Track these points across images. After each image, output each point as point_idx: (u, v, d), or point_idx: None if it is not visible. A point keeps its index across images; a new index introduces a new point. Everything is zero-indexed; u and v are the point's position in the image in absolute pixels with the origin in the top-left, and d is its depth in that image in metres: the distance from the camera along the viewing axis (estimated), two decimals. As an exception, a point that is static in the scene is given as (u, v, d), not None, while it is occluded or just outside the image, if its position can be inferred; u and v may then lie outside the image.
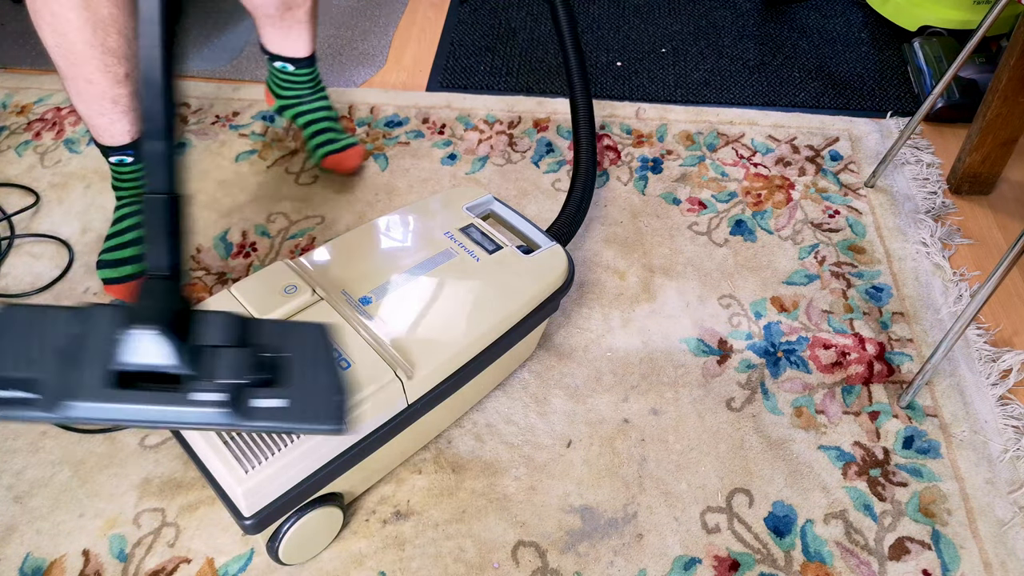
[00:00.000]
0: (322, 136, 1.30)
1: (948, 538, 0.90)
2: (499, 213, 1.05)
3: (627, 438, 0.98)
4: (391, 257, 0.95)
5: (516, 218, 1.04)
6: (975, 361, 1.07)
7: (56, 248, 1.21)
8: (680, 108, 1.45)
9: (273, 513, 0.77)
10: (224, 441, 0.76)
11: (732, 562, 0.88)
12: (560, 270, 0.97)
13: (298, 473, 0.78)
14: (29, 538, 0.90)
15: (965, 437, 0.98)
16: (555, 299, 0.96)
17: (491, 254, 0.96)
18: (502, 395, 1.02)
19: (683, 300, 1.13)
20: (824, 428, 0.99)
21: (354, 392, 0.79)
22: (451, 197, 1.04)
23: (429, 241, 0.97)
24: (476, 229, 0.99)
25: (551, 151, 1.36)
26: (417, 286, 0.91)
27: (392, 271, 0.93)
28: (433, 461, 0.96)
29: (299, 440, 0.76)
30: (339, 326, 0.85)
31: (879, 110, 1.46)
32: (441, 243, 0.97)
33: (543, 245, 0.99)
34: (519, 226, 1.03)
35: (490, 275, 0.94)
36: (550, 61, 1.56)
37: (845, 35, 1.63)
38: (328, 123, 1.31)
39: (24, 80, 1.51)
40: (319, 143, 1.30)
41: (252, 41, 1.60)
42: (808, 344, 1.08)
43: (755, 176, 1.32)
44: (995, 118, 1.20)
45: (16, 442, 0.98)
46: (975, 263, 1.19)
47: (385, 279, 0.92)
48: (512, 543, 0.89)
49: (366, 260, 0.95)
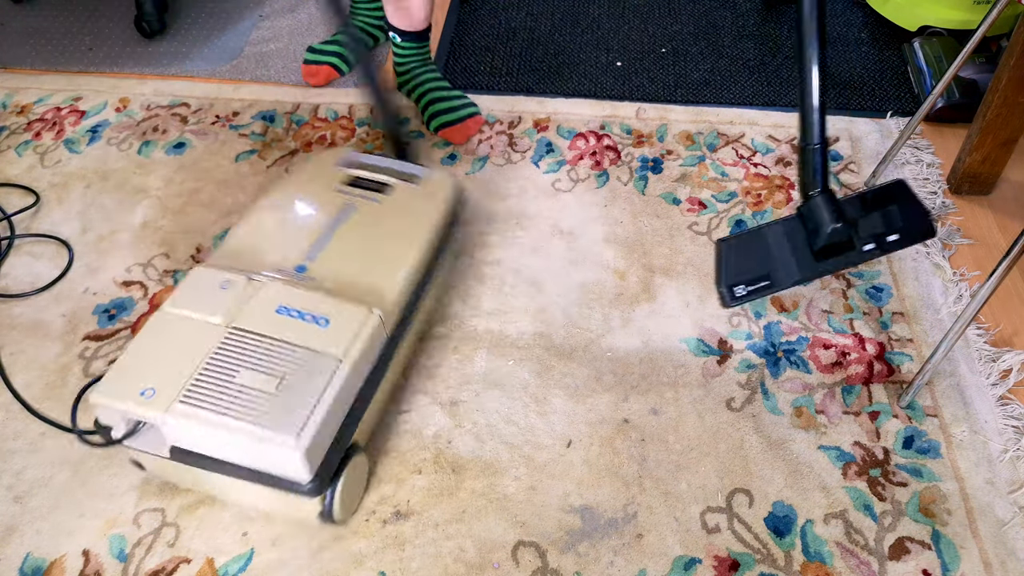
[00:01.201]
0: (436, 106, 1.38)
1: (948, 538, 0.90)
2: (368, 162, 1.10)
3: (627, 438, 0.98)
4: (300, 228, 1.00)
5: (384, 160, 1.10)
6: (975, 361, 1.07)
7: (56, 248, 1.21)
8: (680, 108, 1.45)
9: (323, 470, 0.83)
10: (251, 421, 0.80)
11: (732, 562, 0.88)
12: (451, 184, 1.08)
13: (334, 425, 0.84)
14: (29, 538, 0.90)
15: (965, 437, 0.98)
16: (461, 209, 1.09)
17: (387, 194, 1.04)
18: (502, 395, 1.02)
19: (683, 300, 1.13)
20: (824, 428, 0.99)
21: (346, 341, 0.87)
22: (319, 162, 1.09)
23: (327, 202, 1.03)
24: (360, 179, 1.06)
25: (551, 151, 1.36)
26: (341, 241, 0.98)
27: (310, 238, 0.98)
28: (433, 461, 0.96)
29: (326, 394, 0.83)
30: (292, 294, 0.90)
31: (879, 110, 1.46)
32: (339, 199, 1.03)
33: (422, 173, 1.08)
34: (392, 166, 1.10)
35: (398, 209, 1.03)
36: (550, 61, 1.56)
37: (845, 35, 1.63)
38: (442, 92, 1.39)
39: (24, 80, 1.51)
40: (433, 112, 1.38)
41: (252, 41, 1.60)
42: (808, 344, 1.08)
43: (755, 176, 1.32)
44: (995, 118, 1.20)
45: (16, 442, 0.98)
46: (975, 263, 1.19)
47: (308, 246, 0.97)
48: (512, 543, 0.89)
49: (277, 238, 0.99)
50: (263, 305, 0.89)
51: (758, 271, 0.91)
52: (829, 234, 0.90)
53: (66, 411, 1.00)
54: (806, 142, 0.92)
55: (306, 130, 1.40)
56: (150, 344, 0.87)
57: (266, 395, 0.82)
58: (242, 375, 0.83)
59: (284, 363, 0.84)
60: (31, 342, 1.08)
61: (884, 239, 0.92)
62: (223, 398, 0.82)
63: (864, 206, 0.94)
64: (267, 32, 1.63)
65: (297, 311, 0.88)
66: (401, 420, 1.00)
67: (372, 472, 0.95)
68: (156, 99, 1.47)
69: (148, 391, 0.82)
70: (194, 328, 0.87)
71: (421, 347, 1.07)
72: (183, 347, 0.86)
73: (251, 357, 0.85)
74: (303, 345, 0.86)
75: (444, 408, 1.01)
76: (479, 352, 1.07)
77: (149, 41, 1.61)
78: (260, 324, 0.87)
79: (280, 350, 0.85)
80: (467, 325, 1.10)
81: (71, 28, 1.64)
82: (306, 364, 0.84)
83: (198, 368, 0.84)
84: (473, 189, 1.28)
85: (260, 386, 0.83)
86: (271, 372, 0.84)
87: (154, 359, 0.85)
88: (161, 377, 0.83)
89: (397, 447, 0.97)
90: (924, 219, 0.92)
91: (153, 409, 0.81)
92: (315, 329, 0.87)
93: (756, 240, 0.95)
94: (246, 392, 0.82)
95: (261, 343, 0.86)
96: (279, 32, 1.63)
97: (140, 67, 1.54)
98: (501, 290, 1.15)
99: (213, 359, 0.85)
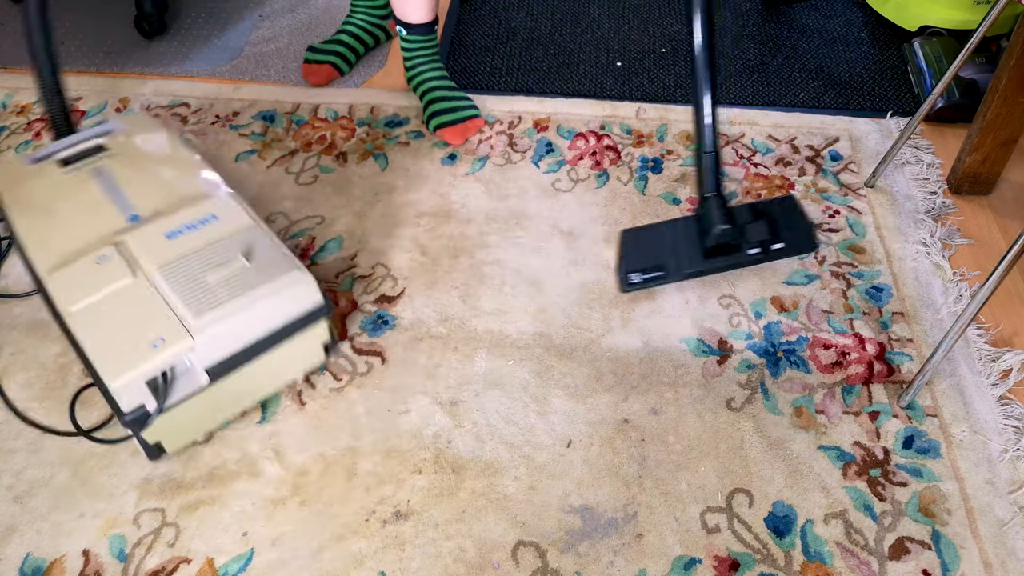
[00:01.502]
0: (437, 105, 1.37)
1: (948, 538, 0.90)
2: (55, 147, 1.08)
3: (627, 438, 0.98)
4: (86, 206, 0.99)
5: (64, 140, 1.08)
6: (975, 361, 1.07)
7: (56, 248, 1.21)
8: (680, 108, 1.45)
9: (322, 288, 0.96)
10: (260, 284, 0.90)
11: (732, 562, 0.88)
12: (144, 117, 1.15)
13: None
14: (29, 538, 0.90)
15: (965, 437, 0.98)
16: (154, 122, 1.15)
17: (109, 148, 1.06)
18: (502, 395, 1.02)
19: (683, 300, 1.13)
20: (824, 428, 0.99)
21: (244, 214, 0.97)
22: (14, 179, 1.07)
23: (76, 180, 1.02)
24: (71, 156, 1.06)
25: (551, 151, 1.36)
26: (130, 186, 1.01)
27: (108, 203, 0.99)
28: (433, 461, 0.96)
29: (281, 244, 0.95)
30: (165, 224, 0.95)
31: (879, 110, 1.46)
32: (82, 173, 1.03)
33: (107, 127, 1.10)
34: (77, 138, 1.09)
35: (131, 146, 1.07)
36: (550, 61, 1.56)
37: (845, 35, 1.63)
38: (444, 92, 1.38)
39: (24, 80, 1.51)
40: (433, 112, 1.38)
41: (252, 41, 1.60)
42: (808, 344, 1.08)
43: (755, 176, 1.32)
44: (995, 118, 1.20)
45: (16, 442, 0.98)
46: (975, 263, 1.19)
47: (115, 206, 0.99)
48: (512, 543, 0.89)
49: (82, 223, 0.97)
50: (152, 245, 0.93)
51: (654, 262, 1.03)
52: (717, 235, 0.99)
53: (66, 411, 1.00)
54: (701, 148, 1.01)
55: (306, 130, 1.40)
56: (99, 332, 0.87)
57: (246, 270, 0.91)
58: (212, 276, 0.90)
59: (230, 251, 0.93)
60: (31, 342, 1.08)
61: (769, 246, 1.02)
62: (221, 294, 0.88)
63: (754, 214, 1.03)
64: (267, 32, 1.63)
65: (185, 226, 0.95)
66: (401, 420, 1.00)
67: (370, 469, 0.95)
68: (156, 99, 1.47)
69: (158, 342, 0.85)
70: (122, 297, 0.89)
71: (421, 347, 1.08)
72: (132, 310, 0.88)
73: (200, 268, 0.90)
74: (225, 235, 0.94)
75: (444, 408, 1.01)
76: (479, 352, 1.07)
77: (149, 41, 1.61)
78: (171, 253, 0.92)
79: (214, 249, 0.93)
80: (467, 325, 1.10)
81: (71, 28, 1.64)
82: (244, 240, 0.94)
83: (171, 305, 0.88)
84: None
85: (235, 270, 0.91)
86: (230, 260, 0.92)
87: (121, 334, 0.86)
88: (150, 330, 0.86)
89: (397, 447, 0.97)
90: (808, 232, 1.03)
91: (180, 340, 0.85)
92: (215, 224, 0.95)
93: (656, 234, 1.05)
94: (231, 280, 0.90)
95: (193, 259, 0.91)
96: (279, 32, 1.63)
97: (140, 67, 1.54)
98: (501, 290, 1.15)
99: (172, 294, 0.88)
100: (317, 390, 1.03)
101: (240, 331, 0.90)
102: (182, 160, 1.06)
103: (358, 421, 1.00)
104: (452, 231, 1.23)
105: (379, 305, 1.13)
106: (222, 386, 0.92)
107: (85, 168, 1.04)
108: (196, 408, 0.92)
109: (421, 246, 1.21)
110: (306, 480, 0.94)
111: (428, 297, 1.14)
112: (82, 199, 1.00)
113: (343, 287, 1.15)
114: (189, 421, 0.93)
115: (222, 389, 0.92)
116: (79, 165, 1.04)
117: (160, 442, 0.93)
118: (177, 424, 0.92)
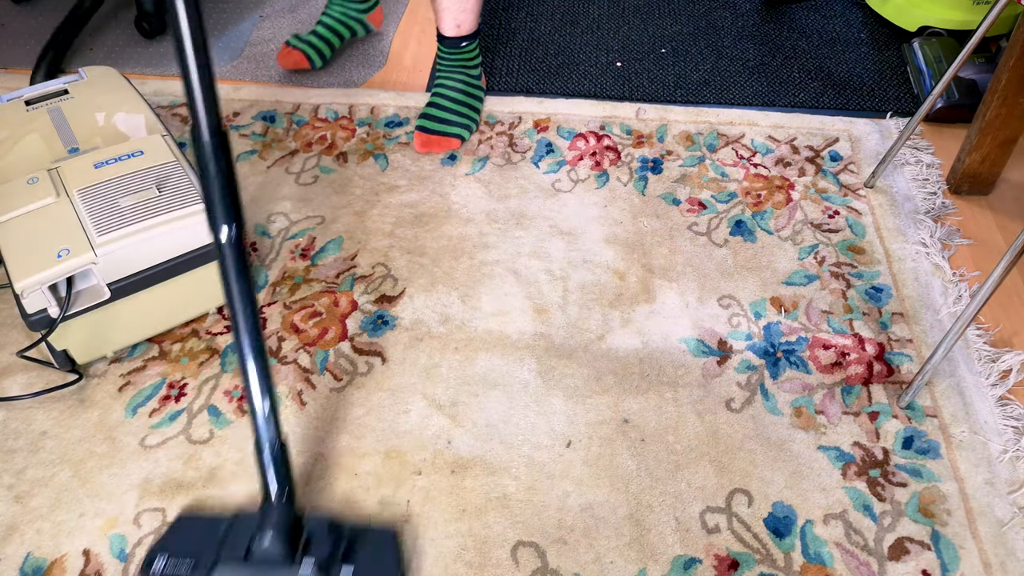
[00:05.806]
0: (429, 110, 1.38)
1: (948, 538, 0.90)
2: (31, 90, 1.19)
3: (627, 438, 0.99)
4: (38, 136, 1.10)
5: (58, 80, 1.21)
6: (975, 361, 1.07)
7: (56, 248, 1.21)
8: (680, 108, 1.45)
9: None
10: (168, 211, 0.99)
11: (732, 562, 0.88)
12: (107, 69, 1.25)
13: None
14: (29, 538, 0.90)
15: (965, 437, 0.99)
16: None
17: (71, 92, 1.17)
18: (502, 395, 1.02)
19: (683, 300, 1.13)
20: (824, 428, 0.99)
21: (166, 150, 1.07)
22: None
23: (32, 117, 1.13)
24: (33, 97, 1.16)
25: (551, 151, 1.36)
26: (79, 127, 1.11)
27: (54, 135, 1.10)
28: (433, 461, 0.96)
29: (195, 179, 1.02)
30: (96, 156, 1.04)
31: (879, 110, 1.46)
32: (40, 111, 1.13)
33: (79, 75, 1.22)
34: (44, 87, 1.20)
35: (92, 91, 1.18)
36: (550, 61, 1.56)
37: (845, 35, 1.64)
38: (446, 102, 1.37)
39: (24, 80, 1.51)
40: (422, 114, 1.38)
41: (252, 41, 1.60)
42: (808, 344, 1.08)
43: (755, 177, 1.32)
44: (995, 118, 1.20)
45: (16, 442, 0.98)
46: (975, 263, 1.19)
47: (60, 138, 1.09)
48: (512, 543, 0.89)
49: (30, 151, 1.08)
50: (80, 171, 1.02)
51: (192, 552, 0.84)
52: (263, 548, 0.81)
53: (66, 410, 1.00)
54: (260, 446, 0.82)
55: (306, 130, 1.40)
56: (18, 241, 0.95)
57: (156, 198, 1.00)
58: (124, 201, 0.99)
59: (145, 181, 1.02)
60: (31, 342, 1.08)
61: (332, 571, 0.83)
62: (130, 217, 0.97)
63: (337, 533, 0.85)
64: (267, 32, 1.63)
65: (113, 158, 1.04)
66: (401, 420, 1.00)
67: (370, 469, 0.95)
68: (156, 99, 1.47)
69: (62, 251, 0.94)
70: (43, 213, 0.98)
71: (421, 347, 1.08)
72: (50, 226, 0.97)
73: (116, 194, 0.99)
74: (145, 167, 1.03)
75: (444, 408, 1.01)
76: (479, 352, 1.07)
77: (149, 41, 1.61)
78: (93, 178, 1.01)
79: (132, 178, 1.02)
80: (467, 325, 1.10)
81: (71, 28, 1.64)
82: (162, 173, 1.03)
83: (82, 222, 0.97)
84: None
85: (146, 198, 0.99)
86: (143, 188, 1.00)
87: (35, 243, 0.95)
88: (59, 243, 0.94)
89: (397, 447, 0.97)
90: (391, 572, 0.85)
91: (82, 253, 0.94)
92: (140, 158, 1.05)
93: (211, 525, 0.86)
94: (141, 206, 0.98)
95: (113, 184, 1.00)
96: (279, 32, 1.63)
97: (140, 67, 1.54)
98: (501, 290, 1.15)
99: (86, 213, 0.97)
100: (317, 390, 1.03)
101: (142, 253, 0.98)
102: (131, 108, 1.17)
103: (358, 421, 1.00)
104: (452, 231, 1.23)
105: (379, 305, 1.13)
106: (127, 305, 1.00)
107: (44, 107, 1.15)
108: (103, 323, 1.00)
109: (421, 246, 1.21)
110: (306, 480, 0.94)
111: (428, 297, 1.14)
112: (34, 132, 1.11)
113: (343, 287, 1.15)
114: (96, 335, 1.01)
115: (127, 308, 1.01)
116: (40, 105, 1.16)
117: (67, 350, 1.00)
118: (85, 336, 1.00)
